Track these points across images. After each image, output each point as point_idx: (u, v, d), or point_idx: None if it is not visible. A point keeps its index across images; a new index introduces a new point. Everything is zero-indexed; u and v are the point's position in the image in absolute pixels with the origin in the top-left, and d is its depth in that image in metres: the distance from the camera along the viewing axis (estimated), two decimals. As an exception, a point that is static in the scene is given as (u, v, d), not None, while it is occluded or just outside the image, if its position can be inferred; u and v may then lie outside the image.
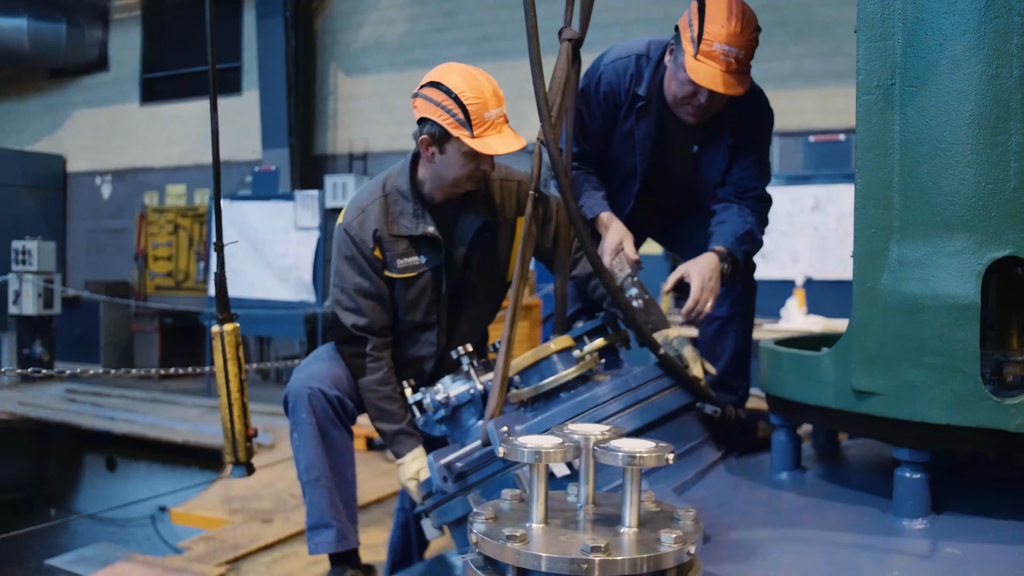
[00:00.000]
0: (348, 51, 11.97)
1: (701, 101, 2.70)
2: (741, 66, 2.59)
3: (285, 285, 9.08)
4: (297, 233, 9.05)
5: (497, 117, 2.57)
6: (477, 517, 1.67)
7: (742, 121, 2.84)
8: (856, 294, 1.89)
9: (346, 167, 11.87)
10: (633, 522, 1.60)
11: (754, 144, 2.89)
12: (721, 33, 2.54)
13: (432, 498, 2.57)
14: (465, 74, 2.57)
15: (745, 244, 2.75)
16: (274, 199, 9.20)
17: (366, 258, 2.71)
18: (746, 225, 2.78)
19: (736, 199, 2.86)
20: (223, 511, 5.39)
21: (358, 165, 11.83)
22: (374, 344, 2.75)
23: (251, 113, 12.10)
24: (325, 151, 12.05)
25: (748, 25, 2.58)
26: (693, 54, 2.59)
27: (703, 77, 2.57)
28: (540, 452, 1.59)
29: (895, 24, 1.84)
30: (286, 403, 2.73)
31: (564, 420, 2.28)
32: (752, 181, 2.87)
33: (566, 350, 2.55)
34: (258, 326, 9.51)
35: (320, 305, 8.98)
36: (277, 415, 8.67)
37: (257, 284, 9.26)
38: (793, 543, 1.88)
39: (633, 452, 1.57)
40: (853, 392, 1.90)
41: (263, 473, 6.35)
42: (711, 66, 2.57)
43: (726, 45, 2.55)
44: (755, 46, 2.62)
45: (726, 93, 2.59)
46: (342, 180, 11.33)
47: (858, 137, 1.89)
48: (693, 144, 2.92)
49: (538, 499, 1.62)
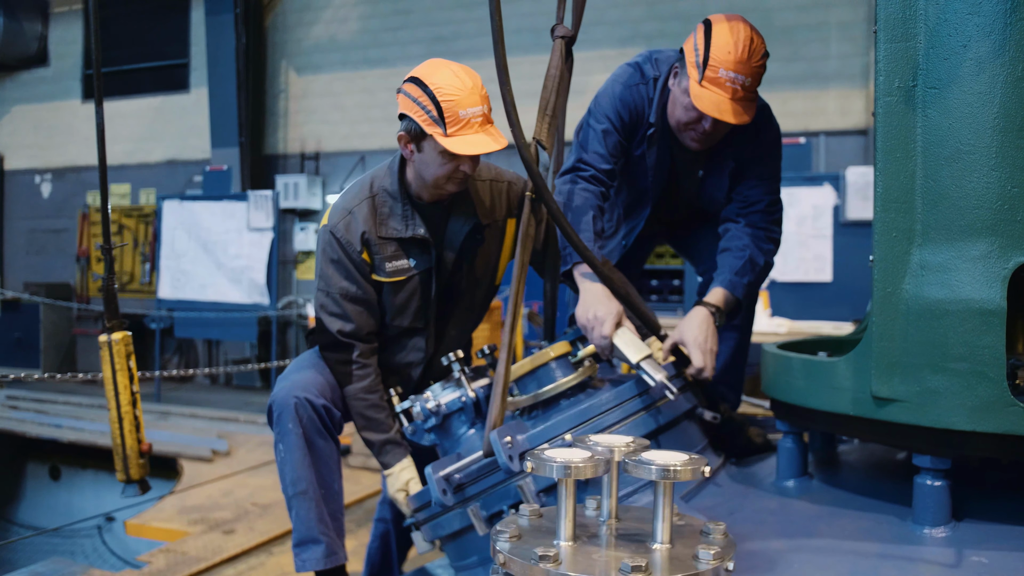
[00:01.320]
0: (300, 49, 11.76)
1: (705, 128, 2.57)
2: (748, 93, 2.46)
3: (237, 287, 8.86)
4: (250, 234, 8.82)
5: (475, 116, 2.44)
6: (500, 535, 1.59)
7: (746, 141, 2.71)
8: (876, 299, 1.85)
9: (297, 167, 11.66)
10: (665, 538, 1.54)
11: (758, 160, 2.75)
12: (728, 60, 2.41)
13: (426, 511, 2.48)
14: (446, 70, 2.48)
15: (746, 276, 2.63)
16: (226, 199, 8.96)
17: (353, 261, 2.61)
18: (743, 254, 2.65)
19: (740, 214, 2.75)
20: (182, 522, 5.20)
21: (310, 165, 11.63)
22: (361, 351, 2.65)
23: (199, 111, 11.82)
24: (276, 150, 11.81)
25: (756, 51, 2.44)
26: (698, 80, 2.46)
27: (708, 105, 2.44)
28: (570, 467, 1.52)
29: (917, 25, 1.81)
30: (271, 413, 2.61)
31: (567, 429, 2.22)
32: (757, 195, 2.74)
33: (563, 356, 2.49)
34: (208, 329, 9.26)
35: (274, 308, 8.78)
36: (230, 421, 8.48)
37: (208, 286, 9.01)
38: (814, 553, 1.84)
39: (667, 466, 1.51)
40: (872, 398, 1.87)
41: (221, 482, 6.17)
42: (716, 93, 2.44)
43: (732, 72, 2.41)
44: (763, 72, 2.48)
45: (732, 122, 2.46)
46: (293, 180, 11.14)
47: (878, 139, 1.85)
48: (698, 168, 2.84)
49: (566, 515, 1.56)
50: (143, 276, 12.23)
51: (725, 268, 2.65)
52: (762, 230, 2.74)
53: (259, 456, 6.94)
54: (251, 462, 6.73)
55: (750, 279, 2.64)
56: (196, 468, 6.56)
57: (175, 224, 9.16)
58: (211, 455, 6.80)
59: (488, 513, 2.27)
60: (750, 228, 2.73)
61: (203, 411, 8.73)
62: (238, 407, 9.32)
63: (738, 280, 2.61)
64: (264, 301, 8.79)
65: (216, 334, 9.54)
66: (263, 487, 5.99)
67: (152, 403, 9.32)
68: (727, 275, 2.62)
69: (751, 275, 2.64)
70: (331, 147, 11.58)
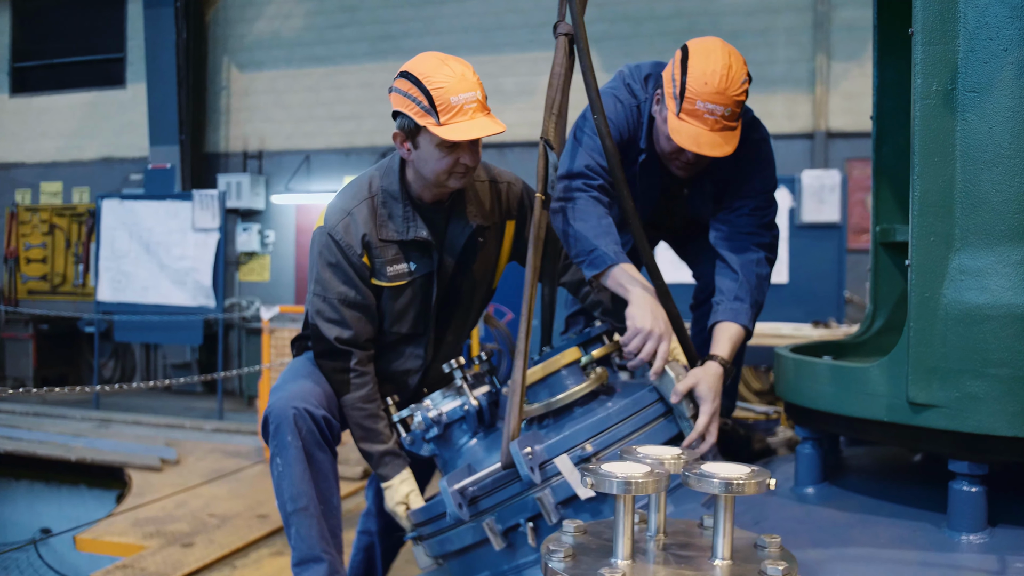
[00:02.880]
0: (242, 44, 11.46)
1: (688, 158, 2.49)
2: (728, 123, 2.33)
3: (182, 289, 8.56)
4: (195, 234, 8.53)
5: (468, 102, 2.35)
6: (554, 554, 1.52)
7: (727, 161, 2.56)
8: (914, 304, 1.84)
9: (240, 166, 11.36)
10: (727, 553, 1.49)
11: (744, 176, 2.63)
12: (704, 91, 2.29)
13: (431, 525, 2.39)
14: (434, 59, 2.40)
15: (746, 298, 2.50)
16: (170, 198, 8.64)
17: (353, 265, 2.50)
18: (736, 276, 2.52)
19: (729, 218, 2.63)
20: (136, 535, 4.99)
21: (253, 164, 11.34)
22: (359, 358, 2.54)
23: (136, 107, 11.43)
24: (217, 149, 11.48)
25: (735, 80, 2.31)
26: (676, 112, 2.35)
27: (685, 139, 2.33)
28: (631, 483, 1.46)
29: (956, 28, 1.80)
30: (266, 426, 2.47)
31: (587, 438, 2.16)
32: (740, 200, 2.62)
33: (574, 363, 2.43)
34: (150, 333, 8.93)
35: (220, 310, 8.52)
36: (175, 428, 8.19)
37: (151, 288, 8.68)
38: (854, 562, 1.81)
39: (730, 479, 1.46)
40: (908, 404, 1.85)
41: (173, 491, 5.94)
42: (694, 126, 2.32)
43: (710, 103, 2.29)
44: (744, 100, 2.36)
45: (710, 155, 2.35)
46: (236, 179, 10.85)
47: (916, 143, 1.84)
48: (683, 187, 2.77)
49: (624, 533, 1.49)
50: (76, 278, 11.77)
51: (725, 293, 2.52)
52: (748, 235, 2.61)
53: (210, 464, 6.72)
54: (203, 471, 6.51)
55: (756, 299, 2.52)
56: (145, 478, 6.31)
57: (115, 224, 8.80)
58: (160, 464, 6.56)
59: (504, 527, 2.19)
60: (736, 237, 2.61)
61: (147, 418, 8.42)
62: (179, 412, 9.03)
63: (740, 307, 2.48)
64: (210, 303, 8.51)
65: (159, 338, 9.20)
66: (218, 497, 5.79)
67: (90, 410, 8.96)
68: (728, 302, 2.50)
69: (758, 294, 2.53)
70: (275, 146, 11.31)
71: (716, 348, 2.40)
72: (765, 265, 2.56)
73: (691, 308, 3.04)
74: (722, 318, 2.46)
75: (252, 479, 6.28)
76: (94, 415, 8.60)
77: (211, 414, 8.76)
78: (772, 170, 2.67)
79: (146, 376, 11.35)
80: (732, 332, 2.43)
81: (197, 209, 8.49)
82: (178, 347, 10.78)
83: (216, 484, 6.11)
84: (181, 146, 10.69)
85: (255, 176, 11.06)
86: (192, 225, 8.53)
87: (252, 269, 11.35)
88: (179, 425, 8.15)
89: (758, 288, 2.52)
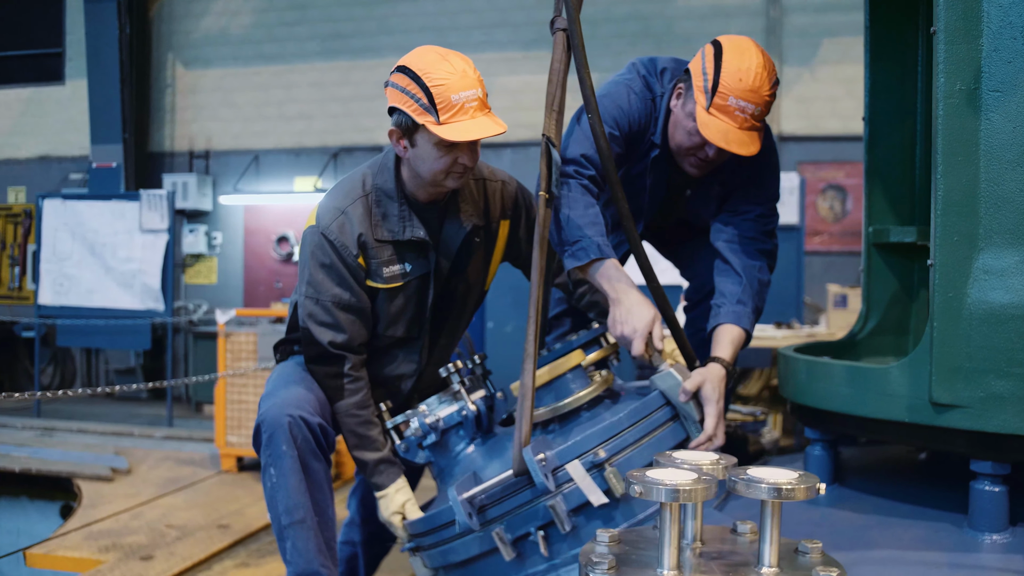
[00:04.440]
0: (188, 41, 11.16)
1: (709, 155, 2.44)
2: (756, 123, 2.33)
3: (129, 292, 8.27)
4: (143, 235, 8.26)
5: (469, 100, 2.28)
6: (596, 566, 1.46)
7: (736, 165, 2.58)
8: (937, 304, 1.83)
9: (186, 166, 11.06)
10: (774, 561, 1.45)
11: (749, 181, 2.63)
12: (738, 88, 2.28)
13: (431, 535, 2.31)
14: (433, 54, 2.33)
15: (749, 303, 2.48)
16: (116, 198, 8.35)
17: (348, 266, 2.41)
18: (739, 279, 2.50)
19: (734, 221, 2.61)
20: (91, 549, 4.77)
21: (199, 164, 11.06)
22: (352, 363, 2.45)
23: (76, 104, 11.03)
24: (162, 148, 11.15)
25: (768, 79, 2.32)
26: (705, 106, 2.32)
27: (714, 134, 2.31)
28: (679, 490, 1.41)
29: (979, 27, 1.79)
30: (258, 435, 2.36)
31: (598, 443, 2.11)
32: (747, 205, 2.61)
33: (578, 366, 2.38)
34: (95, 337, 8.62)
35: (170, 314, 8.26)
36: (124, 436, 7.92)
37: (96, 291, 8.37)
38: (881, 565, 1.79)
39: (779, 484, 1.42)
40: (931, 404, 1.84)
41: (127, 502, 5.72)
42: (724, 122, 2.30)
43: (743, 101, 2.28)
44: (772, 102, 2.36)
45: (738, 153, 2.33)
46: (183, 179, 10.56)
47: (939, 142, 1.83)
48: (687, 188, 2.74)
49: (671, 543, 1.44)
50: (12, 281, 11.31)
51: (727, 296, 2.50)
52: (752, 240, 2.59)
53: (164, 473, 6.50)
54: (156, 480, 6.29)
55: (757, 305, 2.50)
56: (96, 488, 6.07)
57: (57, 225, 8.47)
58: (111, 474, 6.31)
59: (513, 536, 2.12)
60: (740, 241, 2.59)
61: (93, 425, 8.12)
62: (124, 419, 8.74)
63: (742, 310, 2.46)
64: (159, 307, 8.24)
65: (104, 342, 8.88)
66: (175, 507, 5.59)
67: (31, 418, 8.61)
68: (730, 305, 2.47)
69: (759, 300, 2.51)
70: (222, 146, 11.04)
71: (718, 350, 2.38)
72: (767, 272, 2.55)
73: (685, 310, 3.02)
74: (724, 320, 2.44)
75: (209, 488, 6.08)
76: (36, 423, 8.26)
77: (158, 421, 8.50)
78: (779, 179, 2.67)
79: (87, 382, 10.96)
80: (734, 335, 2.41)
81: (145, 210, 8.22)
82: (121, 352, 10.43)
83: (171, 493, 5.90)
84: (124, 145, 10.35)
85: (202, 176, 10.79)
86: (139, 226, 8.26)
87: (199, 271, 11.06)
88: (127, 433, 7.88)
89: (759, 294, 2.50)
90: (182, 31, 11.16)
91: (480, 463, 2.43)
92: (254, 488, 6.05)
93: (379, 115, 10.64)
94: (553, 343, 2.70)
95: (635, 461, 2.13)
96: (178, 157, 11.13)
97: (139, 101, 10.79)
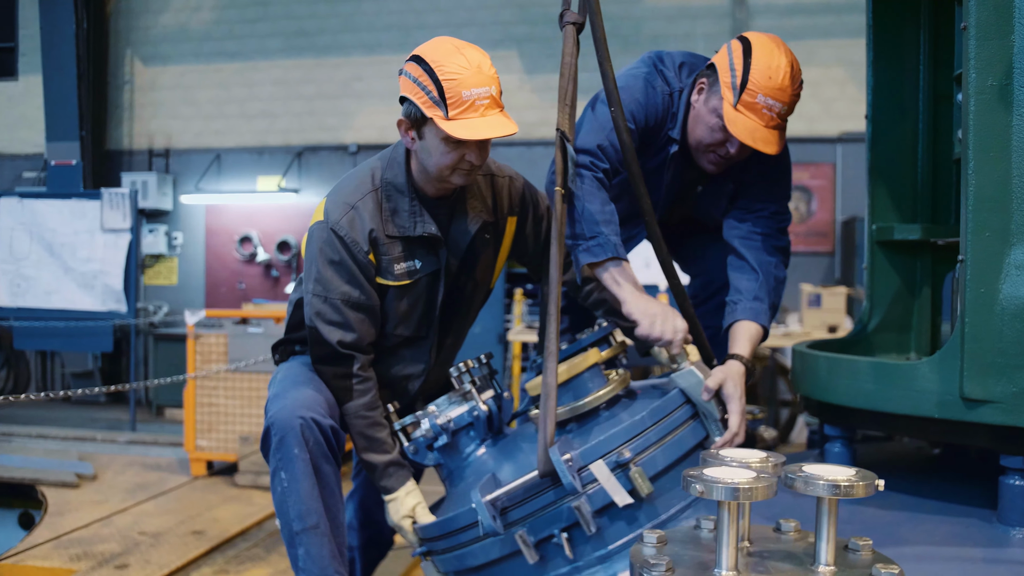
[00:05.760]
0: (146, 37, 10.91)
1: (730, 152, 2.43)
2: (782, 122, 2.33)
3: (90, 293, 8.04)
4: (105, 235, 8.04)
5: (481, 97, 2.22)
6: (654, 568, 1.43)
7: (751, 164, 2.57)
8: (969, 300, 1.83)
9: (145, 164, 10.82)
10: (831, 559, 1.43)
11: (762, 178, 2.62)
12: (768, 86, 2.28)
13: (445, 539, 2.26)
14: (449, 46, 2.27)
15: (766, 299, 2.47)
16: (76, 197, 8.11)
17: (358, 263, 2.34)
18: (756, 276, 2.49)
19: (748, 218, 2.60)
20: (63, 558, 4.62)
21: (159, 163, 10.83)
22: (361, 363, 2.39)
23: (30, 100, 10.73)
24: (120, 146, 10.90)
25: (796, 79, 2.32)
26: (733, 103, 2.31)
27: (741, 131, 2.30)
28: (739, 489, 1.38)
29: (1011, 23, 1.80)
30: (267, 438, 2.28)
31: (622, 442, 2.08)
32: (761, 203, 2.60)
33: (595, 365, 2.34)
34: (55, 340, 8.37)
35: (133, 315, 8.05)
36: (86, 440, 7.69)
37: (55, 292, 8.13)
38: (916, 561, 1.78)
39: (838, 481, 1.40)
40: (961, 400, 1.84)
41: (95, 509, 5.56)
42: (751, 119, 2.30)
43: (771, 99, 2.28)
44: (797, 101, 2.36)
45: (763, 151, 2.32)
46: (142, 178, 10.33)
47: (970, 138, 1.83)
48: (699, 184, 2.73)
49: (729, 543, 1.41)
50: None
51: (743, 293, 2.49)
52: (767, 236, 2.58)
53: (131, 479, 6.33)
54: (124, 485, 6.12)
55: (775, 302, 2.49)
56: (61, 495, 5.88)
57: (13, 224, 8.20)
58: (76, 480, 6.12)
59: (536, 538, 2.08)
60: (755, 237, 2.58)
61: (53, 430, 7.88)
62: (82, 424, 8.50)
63: (760, 307, 2.45)
64: (121, 308, 8.03)
65: (64, 345, 8.62)
66: (146, 513, 5.45)
67: (-17, 423, 8.33)
68: (747, 301, 2.46)
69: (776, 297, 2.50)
70: (183, 144, 10.82)
71: (737, 348, 2.36)
72: (783, 268, 2.55)
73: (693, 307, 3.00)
74: (741, 317, 2.43)
75: (180, 494, 5.94)
76: (-11, 428, 8.00)
77: (118, 425, 8.29)
78: (791, 177, 2.68)
79: (43, 386, 10.66)
80: (752, 332, 2.40)
81: (106, 209, 8.00)
82: (79, 355, 10.16)
83: (140, 499, 5.75)
84: (82, 142, 10.09)
85: (162, 175, 10.56)
86: (101, 226, 8.04)
87: (158, 272, 10.83)
88: (90, 438, 7.66)
89: (775, 290, 2.50)
90: (141, 26, 10.92)
91: (492, 465, 2.38)
92: (225, 492, 5.93)
93: (344, 114, 10.53)
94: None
95: (658, 460, 2.10)
96: (137, 155, 10.89)
97: (96, 98, 10.52)
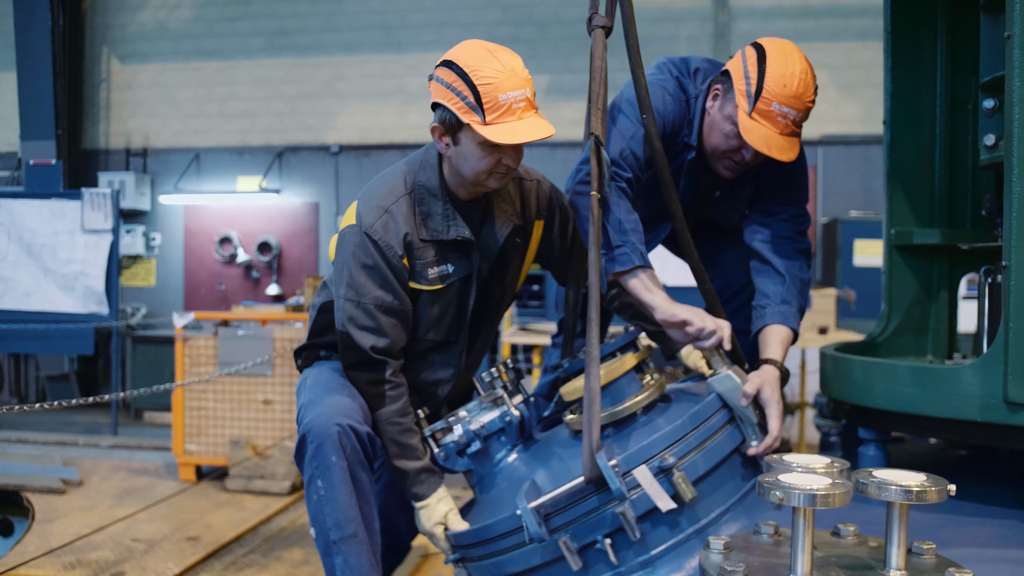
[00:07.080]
0: (124, 35, 10.76)
1: (745, 158, 2.46)
2: (796, 129, 2.36)
3: (70, 295, 7.90)
4: (85, 236, 7.90)
5: (517, 100, 2.21)
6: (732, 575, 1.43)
7: (767, 168, 2.60)
8: (1013, 305, 1.86)
9: (122, 164, 10.67)
10: (901, 563, 1.45)
11: (780, 181, 2.64)
12: (782, 93, 2.30)
13: (481, 547, 2.25)
14: (482, 50, 2.25)
15: (794, 302, 2.49)
16: (55, 197, 7.96)
17: (392, 267, 2.32)
18: (781, 279, 2.51)
19: (768, 222, 2.62)
20: (55, 567, 4.53)
21: (136, 162, 10.68)
22: (393, 369, 2.37)
23: (3, 98, 10.57)
24: (97, 145, 10.74)
25: (810, 86, 2.34)
26: (748, 111, 2.34)
27: (756, 139, 2.32)
28: (817, 496, 1.39)
29: (1056, 33, 1.83)
30: (304, 447, 2.25)
31: (664, 447, 2.08)
32: (781, 206, 2.63)
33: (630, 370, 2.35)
34: (33, 343, 8.21)
35: (114, 317, 7.93)
36: (69, 445, 7.56)
37: (33, 294, 7.97)
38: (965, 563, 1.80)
39: (910, 486, 1.41)
40: (1005, 403, 1.87)
41: (85, 516, 5.46)
42: (766, 127, 2.32)
43: (785, 107, 2.30)
44: (813, 108, 2.38)
45: (778, 159, 2.34)
46: (119, 178, 10.17)
47: (1015, 146, 1.86)
48: (716, 189, 2.74)
49: (805, 550, 1.42)
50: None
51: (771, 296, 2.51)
52: (788, 239, 2.61)
53: (118, 483, 6.24)
54: (113, 491, 6.03)
55: (801, 305, 2.51)
56: (48, 502, 5.77)
57: (-9, 224, 8.05)
58: (63, 486, 6.01)
59: (579, 544, 2.08)
60: (778, 241, 2.60)
61: (33, 435, 7.74)
62: (59, 428, 8.36)
63: (788, 310, 2.47)
64: (103, 310, 7.90)
65: (43, 348, 8.45)
66: (138, 519, 5.36)
67: (-40, 428, 8.16)
68: (775, 305, 2.48)
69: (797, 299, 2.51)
70: (161, 143, 10.68)
71: (770, 352, 2.38)
72: (806, 271, 2.57)
73: None
74: (771, 321, 2.44)
75: (171, 498, 5.86)
76: (-33, 434, 7.84)
77: (97, 429, 8.17)
78: (807, 180, 2.70)
79: (16, 390, 10.47)
80: (783, 335, 2.42)
81: (87, 209, 7.87)
82: (55, 358, 10.00)
83: (131, 505, 5.65)
84: (57, 141, 9.93)
85: (139, 175, 10.42)
86: (81, 226, 7.91)
87: (136, 273, 10.68)
88: (71, 442, 7.53)
89: (801, 292, 2.52)
90: (118, 24, 10.77)
91: (525, 471, 2.38)
92: (216, 498, 5.86)
93: (325, 114, 10.45)
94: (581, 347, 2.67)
95: (699, 465, 2.11)
96: (114, 155, 10.73)
97: (72, 96, 10.36)
